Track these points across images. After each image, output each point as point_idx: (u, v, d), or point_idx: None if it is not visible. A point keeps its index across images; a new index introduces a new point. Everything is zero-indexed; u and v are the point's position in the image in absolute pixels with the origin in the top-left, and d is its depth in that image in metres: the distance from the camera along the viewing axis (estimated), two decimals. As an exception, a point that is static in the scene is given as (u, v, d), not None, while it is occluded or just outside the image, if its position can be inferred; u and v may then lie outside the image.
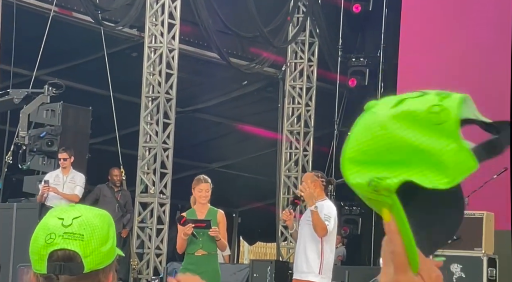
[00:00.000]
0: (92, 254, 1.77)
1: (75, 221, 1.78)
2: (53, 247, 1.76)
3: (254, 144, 16.67)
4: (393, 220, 0.99)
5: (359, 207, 15.14)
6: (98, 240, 1.78)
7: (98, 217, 1.82)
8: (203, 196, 7.36)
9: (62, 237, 1.77)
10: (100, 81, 12.89)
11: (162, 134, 13.30)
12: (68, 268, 1.76)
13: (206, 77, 15.11)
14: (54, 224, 1.79)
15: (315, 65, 15.59)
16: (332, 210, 7.10)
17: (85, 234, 1.77)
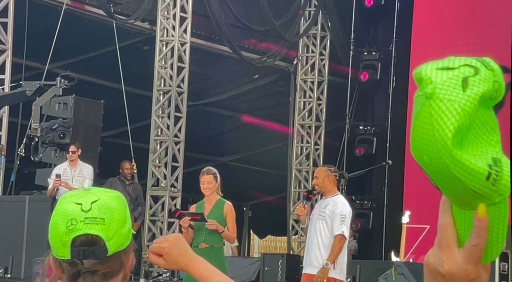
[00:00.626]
0: (114, 237, 1.78)
1: (93, 205, 1.79)
2: (76, 232, 1.77)
3: (265, 137, 16.67)
4: (487, 217, 0.94)
5: (370, 201, 15.13)
6: (118, 222, 1.79)
7: (115, 199, 1.83)
8: (206, 188, 7.39)
9: (84, 222, 1.77)
10: (112, 75, 12.92)
11: (174, 128, 13.32)
12: (92, 253, 1.77)
13: (217, 70, 15.12)
14: (73, 209, 1.79)
15: (326, 59, 15.57)
16: (346, 207, 7.11)
17: (105, 217, 1.78)
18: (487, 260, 0.96)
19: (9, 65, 11.82)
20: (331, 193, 7.13)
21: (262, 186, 17.37)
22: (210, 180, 7.41)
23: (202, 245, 7.31)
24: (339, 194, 7.22)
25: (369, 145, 15.34)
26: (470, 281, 0.96)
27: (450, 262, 0.96)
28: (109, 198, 1.82)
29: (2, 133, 11.74)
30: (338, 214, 6.99)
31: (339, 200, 7.14)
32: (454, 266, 0.95)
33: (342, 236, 7.02)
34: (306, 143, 15.50)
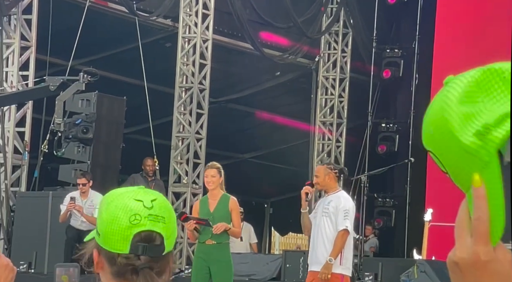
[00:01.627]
0: (171, 236, 1.81)
1: (154, 203, 1.80)
2: (140, 228, 1.77)
3: (286, 134, 16.66)
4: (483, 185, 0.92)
5: (392, 198, 15.08)
6: (173, 223, 1.83)
7: (167, 201, 1.87)
8: (209, 182, 7.40)
9: (148, 218, 1.78)
10: (135, 71, 12.97)
11: (195, 125, 13.36)
12: (151, 249, 1.77)
13: (239, 67, 15.12)
14: (135, 205, 1.80)
15: (348, 56, 15.52)
16: (349, 202, 7.12)
17: (165, 216, 1.80)
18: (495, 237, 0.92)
19: (33, 61, 11.91)
20: (333, 189, 7.15)
21: (283, 183, 17.36)
22: (214, 173, 7.41)
23: (209, 241, 7.34)
24: (341, 190, 7.25)
25: (391, 142, 15.28)
26: (483, 265, 0.92)
27: (461, 248, 0.94)
28: (163, 198, 1.85)
29: (26, 130, 11.84)
30: (341, 209, 7.00)
31: (342, 195, 7.16)
32: (464, 251, 0.93)
33: (345, 230, 7.01)
34: (328, 140, 15.47)
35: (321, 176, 7.16)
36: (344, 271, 7.05)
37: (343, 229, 6.98)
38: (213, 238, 7.32)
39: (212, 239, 7.32)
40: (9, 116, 11.84)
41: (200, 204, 7.50)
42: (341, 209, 7.00)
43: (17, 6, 11.67)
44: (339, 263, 6.99)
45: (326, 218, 7.07)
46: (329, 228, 7.05)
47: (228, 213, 7.37)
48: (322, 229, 7.08)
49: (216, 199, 7.43)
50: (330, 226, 7.06)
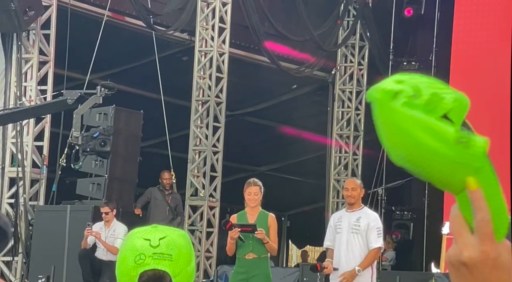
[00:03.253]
0: (180, 274, 1.80)
1: (162, 241, 1.81)
2: (144, 267, 1.79)
3: (303, 147, 16.64)
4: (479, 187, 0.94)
5: (410, 211, 15.01)
6: (184, 260, 1.82)
7: (182, 237, 1.85)
8: (252, 199, 7.38)
9: (152, 257, 1.79)
10: (152, 85, 13.03)
11: (212, 138, 13.38)
12: None
13: (255, 81, 15.15)
14: (141, 244, 1.81)
15: (365, 69, 15.52)
16: (379, 221, 7.21)
17: (173, 254, 1.80)
18: (500, 234, 0.94)
19: (51, 76, 11.99)
20: (359, 205, 7.20)
21: (300, 196, 17.33)
22: (256, 191, 7.41)
23: (250, 255, 7.31)
24: (365, 206, 7.32)
25: (408, 155, 15.21)
26: (492, 262, 0.94)
27: (467, 247, 0.94)
28: (176, 235, 1.85)
29: (44, 144, 11.91)
30: (374, 227, 7.04)
31: (370, 212, 7.28)
32: (472, 250, 0.94)
33: (379, 249, 7.08)
34: (345, 152, 15.44)
35: (358, 189, 7.24)
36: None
37: (377, 248, 7.04)
38: (254, 252, 7.29)
39: (253, 253, 7.30)
40: (28, 130, 11.92)
41: (238, 218, 7.47)
42: (374, 227, 7.05)
43: (35, 21, 11.78)
44: (370, 279, 7.05)
45: (357, 235, 7.08)
46: (360, 245, 7.06)
47: (267, 229, 7.36)
48: (352, 246, 7.09)
49: (255, 215, 7.42)
50: (361, 243, 7.07)
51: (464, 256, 0.94)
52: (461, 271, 0.95)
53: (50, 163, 11.89)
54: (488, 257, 0.94)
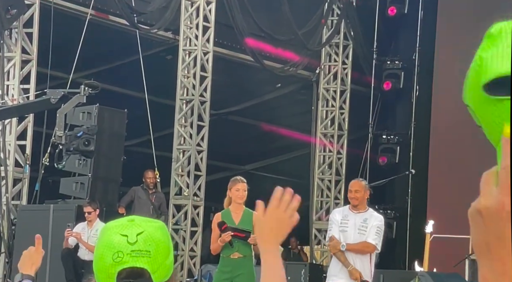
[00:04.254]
0: (159, 269, 1.79)
1: (139, 237, 1.80)
2: (122, 265, 1.78)
3: (287, 146, 16.66)
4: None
5: (393, 210, 15.06)
6: (162, 254, 1.81)
7: (159, 230, 1.84)
8: (240, 196, 7.35)
9: (130, 255, 1.78)
10: (135, 84, 12.99)
11: (196, 137, 13.36)
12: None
13: (240, 79, 15.14)
14: (119, 241, 1.80)
15: (349, 68, 15.54)
16: (382, 221, 7.27)
17: (151, 250, 1.79)
18: None
19: (34, 75, 11.93)
20: (365, 207, 7.23)
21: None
22: (245, 187, 7.40)
23: (235, 254, 7.29)
24: (369, 209, 7.35)
25: (392, 154, 15.28)
26: (507, 215, 0.90)
27: (486, 196, 0.92)
28: (153, 229, 1.83)
29: (27, 143, 11.84)
30: (375, 226, 7.11)
31: (376, 214, 7.37)
32: (489, 200, 0.91)
33: (373, 246, 7.06)
34: (329, 151, 15.47)
35: (362, 191, 7.24)
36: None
37: (372, 243, 7.04)
38: (240, 251, 7.27)
39: (238, 252, 7.27)
40: (10, 129, 11.85)
41: (223, 216, 7.42)
42: (375, 226, 7.12)
43: (18, 19, 11.70)
44: (370, 276, 7.12)
45: (364, 236, 7.15)
46: None
47: (251, 227, 7.35)
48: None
49: (240, 213, 7.40)
50: None
51: (481, 203, 0.92)
52: (477, 221, 0.92)
53: (33, 162, 11.83)
54: (503, 208, 0.90)
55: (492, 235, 0.91)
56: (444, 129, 14.54)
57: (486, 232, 0.91)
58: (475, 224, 0.93)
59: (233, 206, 7.42)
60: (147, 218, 1.88)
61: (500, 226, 0.90)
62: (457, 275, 10.76)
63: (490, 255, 0.91)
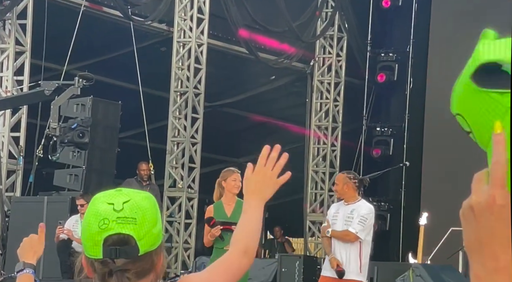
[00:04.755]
0: (146, 236, 1.80)
1: (125, 205, 1.81)
2: (108, 232, 1.79)
3: (281, 138, 16.63)
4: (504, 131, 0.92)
5: (387, 202, 15.09)
6: (149, 222, 1.81)
7: (146, 200, 1.84)
8: (237, 186, 7.32)
9: (116, 221, 1.79)
10: (130, 76, 12.97)
11: (191, 129, 13.36)
12: (124, 252, 1.78)
13: (234, 72, 15.14)
14: (105, 209, 1.81)
15: (343, 60, 15.55)
16: (368, 211, 7.16)
17: (137, 217, 1.80)
18: None
19: (28, 66, 11.90)
20: (353, 199, 7.19)
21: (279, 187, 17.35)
22: (240, 178, 7.39)
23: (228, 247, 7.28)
24: (360, 199, 7.27)
25: (386, 146, 15.30)
26: (498, 210, 0.90)
27: (477, 192, 0.92)
28: (140, 198, 1.84)
29: (21, 135, 11.82)
30: (359, 215, 7.05)
31: (364, 205, 7.21)
32: (480, 195, 0.92)
33: (353, 235, 7.01)
34: (323, 144, 15.48)
35: (340, 184, 7.22)
36: (363, 278, 7.13)
37: (353, 232, 7.02)
38: None
39: None
40: (4, 121, 11.82)
41: (215, 209, 7.40)
42: (359, 215, 7.07)
43: (11, 11, 11.66)
44: (359, 271, 7.06)
45: (349, 227, 7.13)
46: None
47: None
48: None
49: (232, 204, 7.37)
50: None
51: (472, 199, 0.92)
52: (469, 218, 0.93)
53: (27, 153, 11.82)
54: (495, 202, 0.90)
55: (484, 231, 0.91)
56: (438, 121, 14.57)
57: (478, 229, 0.92)
58: (467, 221, 0.93)
59: (227, 198, 7.40)
60: (136, 190, 1.89)
61: (491, 220, 0.91)
62: (450, 267, 10.80)
63: (482, 252, 0.92)
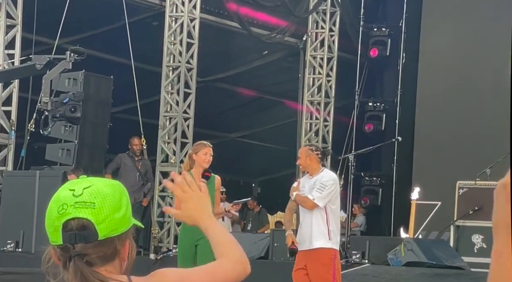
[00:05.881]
0: (105, 221, 1.78)
1: (85, 190, 1.81)
2: (66, 217, 1.78)
3: (274, 113, 16.65)
4: None
5: (379, 177, 15.14)
6: (109, 207, 1.79)
7: (109, 186, 1.83)
8: (208, 160, 7.37)
9: (74, 206, 1.79)
10: (122, 50, 12.91)
11: (183, 104, 13.33)
12: (83, 237, 1.77)
13: (227, 46, 15.08)
14: (65, 195, 1.81)
15: (336, 35, 15.50)
16: (328, 178, 7.11)
17: (96, 202, 1.79)
18: None
19: (19, 40, 11.83)
20: (316, 170, 7.18)
21: (271, 162, 17.39)
22: (211, 152, 7.43)
23: None
24: (324, 169, 7.26)
25: (378, 121, 15.32)
26: None
27: None
28: (103, 184, 1.83)
29: (12, 109, 11.78)
30: (319, 183, 7.05)
31: (326, 173, 7.19)
32: None
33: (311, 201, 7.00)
34: (316, 119, 15.48)
35: (303, 157, 7.22)
36: (334, 245, 7.05)
37: (310, 198, 7.01)
38: None
39: None
40: (-5, 95, 11.78)
41: None
42: (319, 183, 7.05)
43: (2, -16, 11.57)
44: (328, 238, 7.02)
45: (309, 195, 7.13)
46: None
47: (214, 191, 7.38)
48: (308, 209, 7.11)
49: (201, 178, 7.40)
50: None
51: (506, 179, 0.96)
52: (501, 196, 0.96)
53: (19, 128, 11.78)
54: None
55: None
56: (430, 96, 14.58)
57: (508, 208, 0.95)
58: (499, 199, 0.96)
59: (197, 170, 7.37)
60: (103, 178, 1.89)
61: None
62: (442, 241, 10.86)
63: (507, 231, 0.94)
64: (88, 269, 1.76)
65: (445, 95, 14.26)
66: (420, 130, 14.60)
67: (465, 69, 14.03)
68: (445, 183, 12.01)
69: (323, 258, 6.96)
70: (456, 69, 14.15)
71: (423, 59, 14.87)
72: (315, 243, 7.02)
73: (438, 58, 14.52)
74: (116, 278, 1.79)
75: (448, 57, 14.31)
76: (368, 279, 9.46)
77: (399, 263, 10.02)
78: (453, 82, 14.17)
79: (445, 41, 14.35)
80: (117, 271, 1.81)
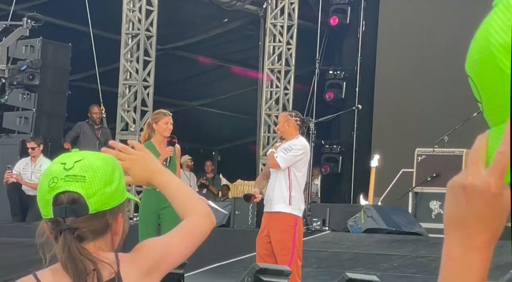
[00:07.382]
0: (96, 195, 1.78)
1: (76, 164, 1.80)
2: (56, 190, 1.78)
3: (234, 82, 16.62)
4: None
5: (339, 145, 15.24)
6: (101, 181, 1.79)
7: (101, 160, 1.83)
8: (168, 129, 7.37)
9: (64, 180, 1.78)
10: (80, 17, 12.73)
11: (143, 72, 13.23)
12: (73, 210, 1.76)
13: (186, 14, 14.96)
14: (56, 168, 1.80)
15: (296, 3, 15.45)
16: (297, 143, 7.12)
17: (86, 175, 1.78)
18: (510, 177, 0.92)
19: (-26, 7, 11.59)
20: (292, 136, 7.18)
21: (231, 131, 17.40)
22: (171, 121, 7.43)
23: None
24: (299, 136, 7.25)
25: (338, 90, 15.38)
26: (491, 198, 0.92)
27: (474, 175, 0.93)
28: (94, 158, 1.83)
29: (-32, 77, 11.58)
30: (288, 145, 7.07)
31: (297, 139, 7.19)
32: (477, 178, 0.92)
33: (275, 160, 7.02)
34: (276, 87, 15.49)
35: (281, 122, 7.24)
36: (294, 211, 7.05)
37: (275, 158, 7.04)
38: None
39: None
40: (-50, 63, 11.55)
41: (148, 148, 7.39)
42: (287, 145, 7.07)
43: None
44: (288, 203, 7.03)
45: None
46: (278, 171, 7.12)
47: (175, 159, 7.38)
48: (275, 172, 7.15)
49: (163, 146, 7.39)
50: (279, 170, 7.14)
51: (468, 180, 0.92)
52: (459, 196, 0.93)
53: (-25, 96, 11.60)
54: (490, 190, 0.91)
55: (472, 213, 0.92)
56: (390, 64, 14.66)
57: (465, 209, 0.92)
58: (454, 198, 0.94)
59: (157, 139, 7.37)
60: (95, 152, 1.88)
61: (481, 205, 0.92)
62: (400, 207, 11.01)
63: (462, 230, 0.93)
64: (76, 244, 1.76)
65: (404, 63, 14.35)
66: (380, 98, 14.70)
67: (425, 37, 14.12)
68: (404, 150, 12.14)
69: (283, 224, 7.00)
70: (415, 38, 14.24)
71: (383, 28, 14.93)
72: (275, 206, 7.07)
73: (398, 26, 14.58)
74: (103, 255, 1.79)
75: (408, 25, 14.38)
76: (328, 246, 9.56)
77: (359, 229, 10.14)
78: (412, 50, 14.26)
79: (405, 9, 14.40)
80: (108, 245, 1.81)
